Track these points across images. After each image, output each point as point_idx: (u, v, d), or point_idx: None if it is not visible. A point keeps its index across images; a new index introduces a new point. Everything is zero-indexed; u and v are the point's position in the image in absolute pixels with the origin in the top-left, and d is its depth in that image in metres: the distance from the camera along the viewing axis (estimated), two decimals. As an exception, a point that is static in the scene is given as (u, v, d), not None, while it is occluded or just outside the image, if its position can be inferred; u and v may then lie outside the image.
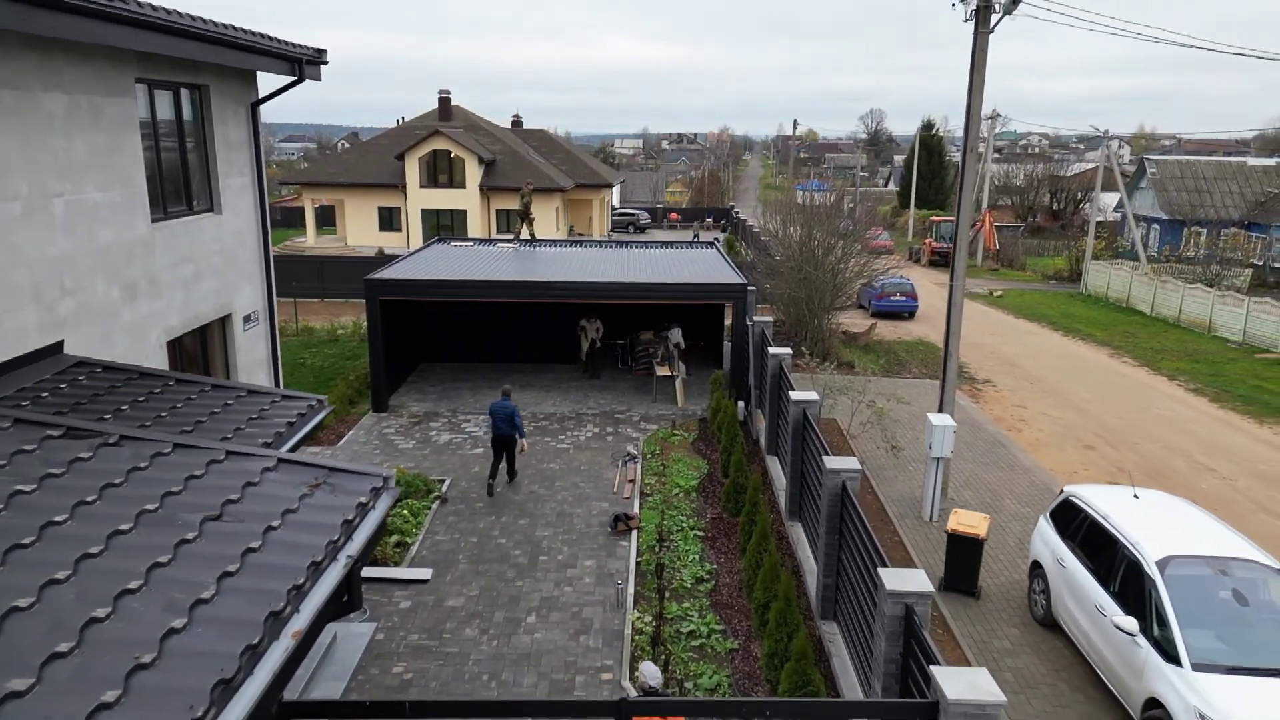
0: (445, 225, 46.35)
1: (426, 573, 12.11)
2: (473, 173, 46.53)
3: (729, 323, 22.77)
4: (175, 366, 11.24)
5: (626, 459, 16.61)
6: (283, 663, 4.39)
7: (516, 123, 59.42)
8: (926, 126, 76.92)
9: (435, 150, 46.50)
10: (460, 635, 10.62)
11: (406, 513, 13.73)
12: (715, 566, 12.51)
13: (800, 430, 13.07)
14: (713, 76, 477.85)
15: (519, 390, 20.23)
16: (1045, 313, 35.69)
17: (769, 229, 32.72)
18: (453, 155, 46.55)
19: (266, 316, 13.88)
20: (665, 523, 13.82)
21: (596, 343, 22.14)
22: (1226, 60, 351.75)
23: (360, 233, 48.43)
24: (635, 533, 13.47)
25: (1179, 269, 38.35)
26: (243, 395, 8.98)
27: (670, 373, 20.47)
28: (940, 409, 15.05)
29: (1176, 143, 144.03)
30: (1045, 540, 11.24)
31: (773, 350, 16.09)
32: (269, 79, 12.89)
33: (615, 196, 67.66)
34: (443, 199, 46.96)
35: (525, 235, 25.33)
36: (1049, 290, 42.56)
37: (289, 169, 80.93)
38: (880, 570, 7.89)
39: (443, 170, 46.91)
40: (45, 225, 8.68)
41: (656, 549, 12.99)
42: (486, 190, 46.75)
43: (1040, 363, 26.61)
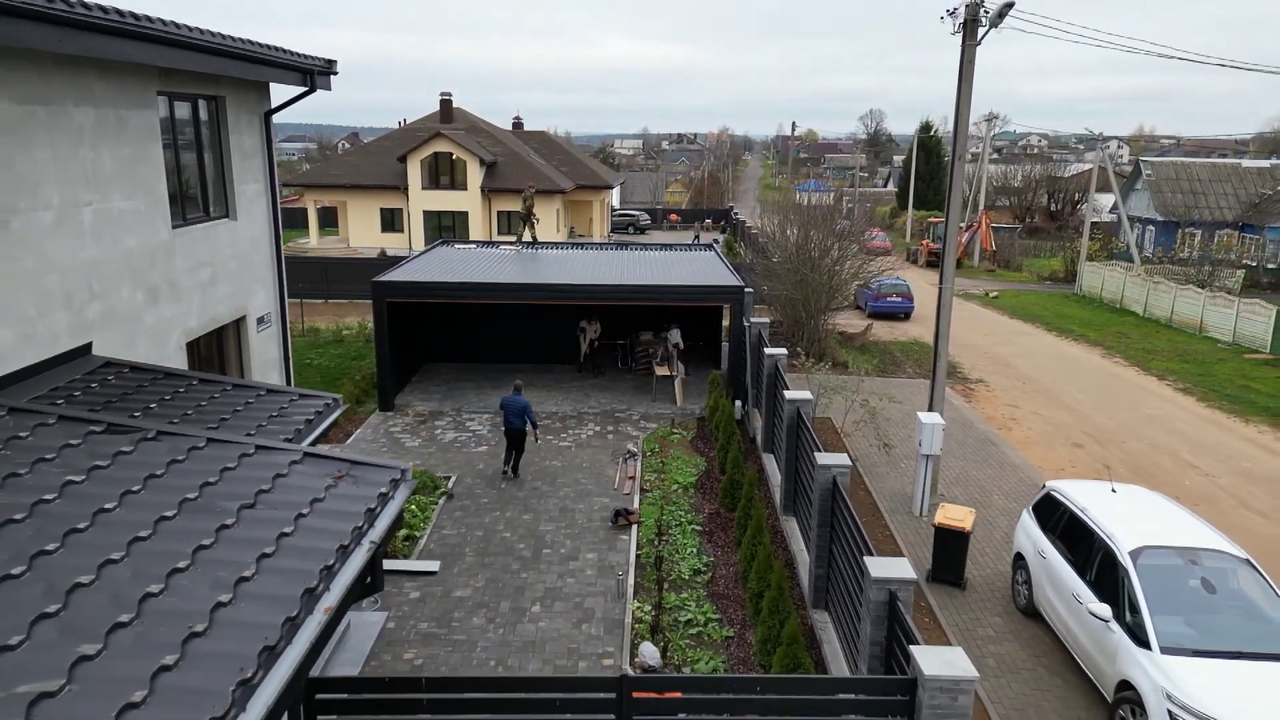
0: (447, 227, 46.78)
1: (434, 565, 12.59)
2: (474, 174, 46.97)
3: (727, 324, 23.23)
4: (194, 367, 11.71)
5: (627, 456, 17.08)
6: (317, 634, 4.87)
7: (517, 124, 59.91)
8: (925, 128, 77.41)
9: (437, 152, 46.93)
10: (468, 624, 11.10)
11: (414, 508, 14.20)
12: (712, 559, 12.99)
13: (794, 428, 13.53)
14: (713, 76, 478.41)
15: (521, 390, 20.70)
16: (1040, 313, 36.11)
17: (767, 231, 33.16)
18: (454, 157, 46.98)
19: (279, 318, 14.36)
20: (664, 517, 14.30)
21: (595, 343, 22.64)
22: (1226, 60, 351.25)
23: (362, 234, 48.84)
24: (635, 527, 13.94)
25: (1172, 270, 38.75)
26: (262, 394, 9.46)
27: (669, 373, 20.94)
28: (930, 408, 15.53)
29: (1176, 143, 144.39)
30: (1027, 533, 11.72)
31: (768, 351, 16.56)
32: (281, 89, 13.40)
33: (615, 198, 68.10)
34: (444, 200, 47.39)
35: (527, 237, 25.81)
36: (1044, 291, 42.98)
37: (290, 170, 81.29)
38: (866, 559, 8.38)
39: (444, 172, 47.34)
40: (75, 233, 9.15)
41: (656, 542, 13.47)
42: (488, 192, 47.19)
43: (1033, 363, 27.07)
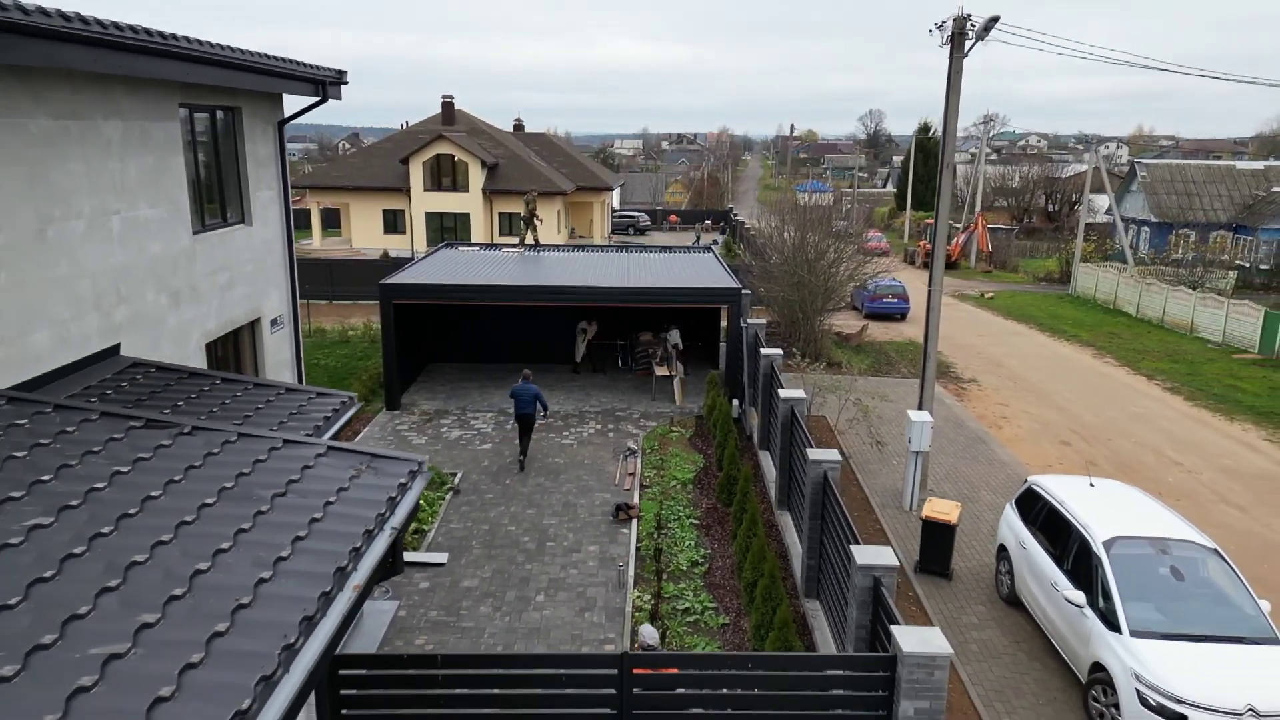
0: (449, 228, 47.33)
1: (443, 557, 13.12)
2: (475, 176, 47.52)
3: (725, 325, 23.75)
4: (212, 367, 12.24)
5: (627, 453, 17.61)
6: (348, 608, 5.39)
7: (518, 126, 60.48)
8: (923, 129, 78.00)
9: (439, 154, 47.49)
10: (476, 612, 11.64)
11: (422, 503, 14.72)
12: (709, 551, 13.52)
13: (788, 426, 14.06)
14: (713, 76, 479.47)
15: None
16: (1034, 314, 36.63)
17: (765, 232, 33.66)
18: (456, 159, 47.53)
19: (291, 320, 14.89)
20: (663, 512, 14.83)
21: (590, 343, 23.18)
22: (1225, 60, 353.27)
23: (365, 235, 49.39)
24: (635, 521, 14.48)
25: (1165, 272, 39.25)
26: (281, 393, 9.97)
27: (669, 372, 21.47)
28: (920, 406, 16.06)
29: (1175, 143, 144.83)
30: (1010, 525, 12.25)
31: (764, 351, 17.08)
32: (294, 98, 13.92)
33: (615, 199, 68.67)
34: (446, 202, 47.94)
35: (530, 240, 26.34)
36: (1039, 292, 43.51)
37: (292, 170, 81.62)
38: (852, 547, 8.91)
39: (446, 174, 47.88)
40: (104, 240, 9.68)
41: (655, 536, 14.00)
42: (489, 194, 47.74)
43: (1025, 363, 27.59)
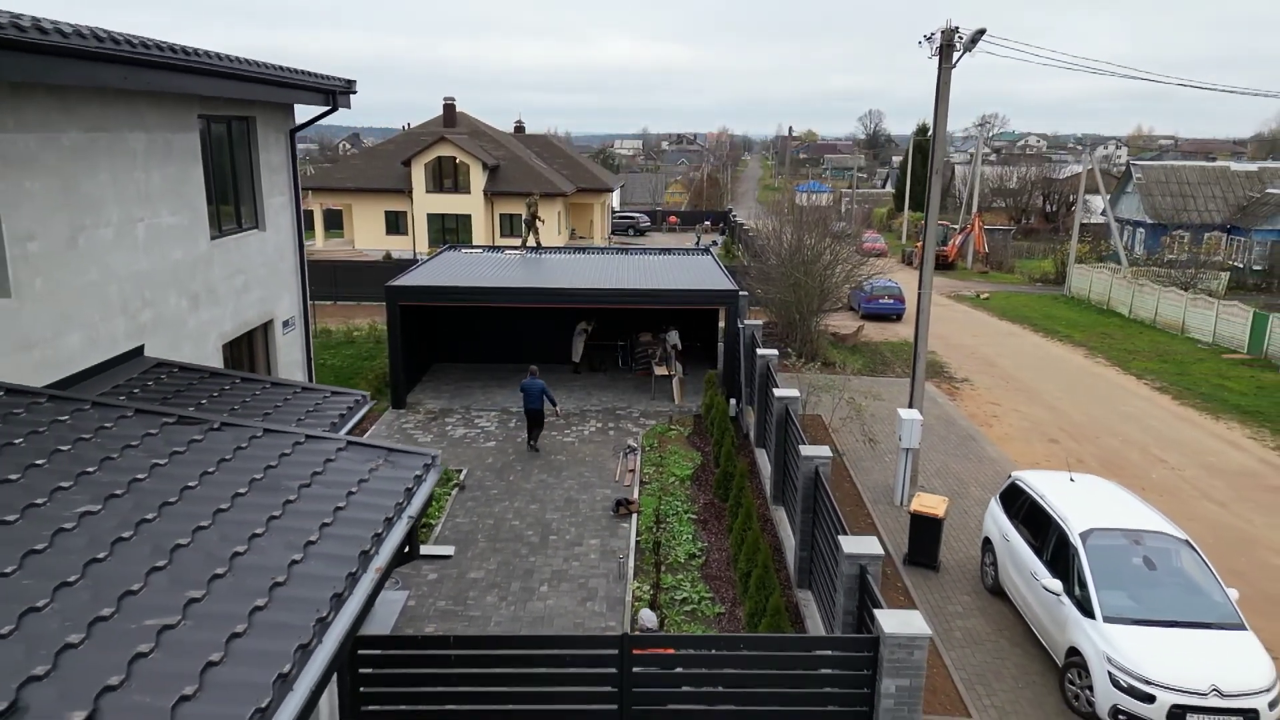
0: (450, 229, 47.81)
1: (450, 550, 13.63)
2: (477, 178, 48.00)
3: (723, 325, 24.24)
4: (227, 367, 12.75)
5: (627, 451, 18.12)
6: (371, 589, 5.89)
7: (519, 128, 60.96)
8: (921, 130, 78.38)
9: (440, 156, 47.95)
10: (482, 601, 12.15)
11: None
12: (706, 545, 14.03)
13: (783, 424, 14.57)
14: (713, 76, 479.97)
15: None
16: (1028, 315, 37.10)
17: (763, 234, 34.17)
18: (457, 161, 48.00)
19: (301, 322, 15.39)
20: (662, 507, 15.34)
21: (588, 343, 23.68)
22: (1224, 60, 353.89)
23: (368, 236, 49.86)
24: (635, 516, 14.99)
25: (1158, 272, 39.74)
26: (298, 391, 10.48)
27: (668, 372, 21.97)
28: (910, 404, 16.56)
29: (1174, 144, 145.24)
30: (994, 519, 12.76)
31: (761, 351, 17.58)
32: (304, 107, 14.44)
33: (615, 200, 69.17)
34: (448, 204, 48.42)
35: (532, 242, 26.85)
36: (1034, 293, 43.98)
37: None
38: (840, 537, 9.42)
39: (448, 175, 48.35)
40: (130, 247, 10.19)
41: (654, 530, 14.52)
42: (490, 195, 48.22)
43: (1018, 363, 28.09)
